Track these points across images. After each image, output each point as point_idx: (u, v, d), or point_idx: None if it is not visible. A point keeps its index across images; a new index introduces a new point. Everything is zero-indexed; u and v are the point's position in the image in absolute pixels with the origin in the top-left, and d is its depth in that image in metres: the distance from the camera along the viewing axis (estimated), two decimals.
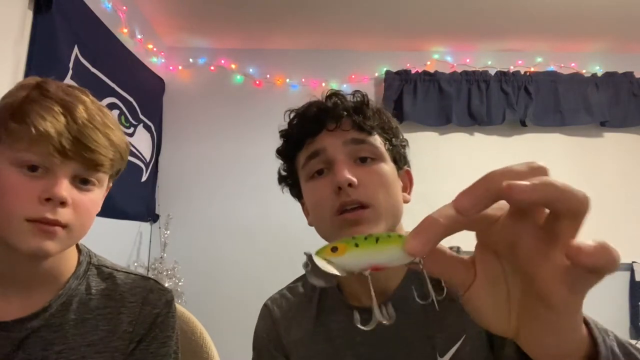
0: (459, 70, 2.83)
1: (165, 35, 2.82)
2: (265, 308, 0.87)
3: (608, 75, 2.82)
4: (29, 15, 1.60)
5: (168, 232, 2.59)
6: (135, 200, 2.43)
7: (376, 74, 2.89)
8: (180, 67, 2.91)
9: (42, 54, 1.62)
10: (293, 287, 0.88)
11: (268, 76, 2.89)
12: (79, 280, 0.75)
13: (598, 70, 2.84)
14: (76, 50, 1.86)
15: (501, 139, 2.83)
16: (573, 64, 2.87)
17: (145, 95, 2.53)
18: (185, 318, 0.98)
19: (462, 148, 2.82)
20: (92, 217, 0.72)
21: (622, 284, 2.65)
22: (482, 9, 2.47)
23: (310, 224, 0.77)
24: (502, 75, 2.80)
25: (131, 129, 2.39)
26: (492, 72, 2.81)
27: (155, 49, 2.68)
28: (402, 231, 0.78)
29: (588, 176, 2.73)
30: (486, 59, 2.88)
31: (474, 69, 2.83)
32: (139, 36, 2.48)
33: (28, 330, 0.69)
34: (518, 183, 0.26)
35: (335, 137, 0.72)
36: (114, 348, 0.73)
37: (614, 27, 2.62)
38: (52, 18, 1.67)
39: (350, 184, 0.67)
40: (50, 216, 0.63)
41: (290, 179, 0.81)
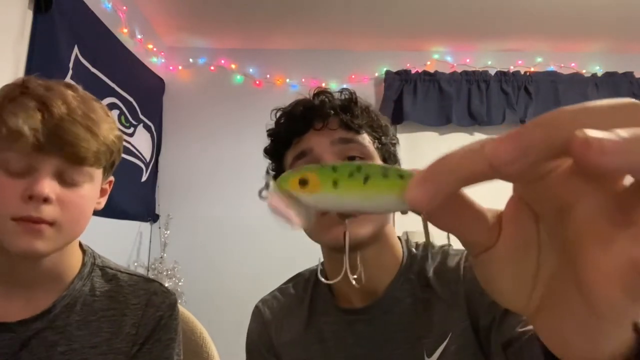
0: (459, 70, 2.83)
1: (165, 35, 2.82)
2: (256, 310, 0.86)
3: (608, 75, 2.82)
4: (29, 15, 1.60)
5: (168, 232, 2.59)
6: (135, 200, 2.43)
7: (376, 74, 2.89)
8: (180, 67, 2.90)
9: (42, 54, 1.62)
10: (284, 288, 0.87)
11: (268, 76, 2.89)
12: (84, 281, 0.75)
13: (598, 70, 2.84)
14: (76, 50, 1.86)
15: None
16: (573, 64, 2.87)
17: (145, 95, 2.53)
18: (185, 318, 0.98)
19: None
20: (86, 213, 0.70)
21: None
22: (482, 9, 2.47)
23: None
24: (502, 75, 2.80)
25: (131, 129, 2.39)
26: (492, 72, 2.81)
27: (155, 49, 2.68)
28: (391, 234, 0.75)
29: None
30: (486, 59, 2.88)
31: (474, 69, 2.83)
32: (139, 36, 2.48)
33: (32, 331, 0.69)
34: (599, 137, 0.17)
35: (322, 137, 0.71)
36: (118, 350, 0.73)
37: (614, 27, 2.62)
38: (52, 18, 1.67)
39: None
40: (34, 214, 0.63)
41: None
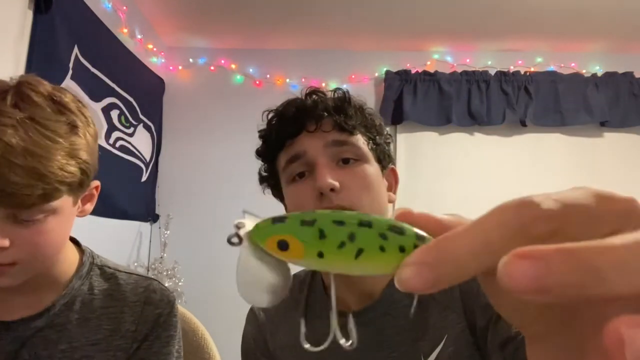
0: (459, 70, 2.83)
1: (165, 35, 2.82)
2: (251, 312, 0.85)
3: (608, 75, 2.81)
4: (29, 15, 1.60)
5: (168, 232, 2.59)
6: (135, 200, 2.43)
7: (376, 74, 2.88)
8: (180, 67, 2.90)
9: (42, 54, 1.62)
10: None
11: (268, 76, 2.89)
12: (82, 280, 0.75)
13: (598, 70, 2.84)
14: (76, 50, 1.86)
15: (501, 139, 2.82)
16: (573, 64, 2.87)
17: (145, 95, 2.53)
18: (186, 318, 0.98)
19: (462, 148, 2.81)
20: (53, 243, 0.65)
21: None
22: (482, 9, 2.47)
23: None
24: (502, 75, 2.79)
25: (131, 129, 2.39)
26: (492, 72, 2.81)
27: (155, 49, 2.68)
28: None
29: (588, 176, 2.73)
30: (486, 59, 2.88)
31: (474, 69, 2.83)
32: (139, 36, 2.48)
33: (32, 329, 0.70)
34: (521, 262, 0.15)
35: (315, 139, 0.69)
36: (117, 347, 0.74)
37: (614, 27, 2.62)
38: (52, 18, 1.67)
39: (332, 189, 0.64)
40: None
41: (271, 180, 0.78)
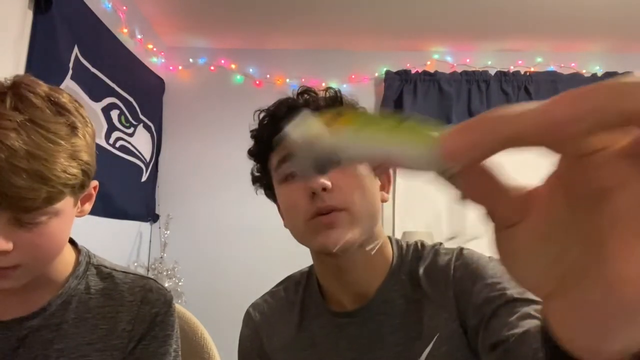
0: (459, 70, 2.83)
1: (165, 35, 2.82)
2: (247, 314, 0.85)
3: (608, 75, 2.81)
4: (29, 15, 1.60)
5: (168, 232, 2.59)
6: (135, 200, 2.43)
7: (376, 74, 2.88)
8: (180, 67, 2.90)
9: (42, 54, 1.62)
10: (275, 292, 0.85)
11: (268, 76, 2.89)
12: (78, 280, 0.75)
13: (598, 70, 2.84)
14: (76, 50, 1.86)
15: None
16: (573, 64, 2.87)
17: (145, 95, 2.53)
18: (186, 318, 0.97)
19: None
20: (55, 245, 0.66)
21: None
22: (482, 9, 2.47)
23: (285, 227, 0.75)
24: (502, 75, 2.79)
25: (131, 129, 2.39)
26: (492, 72, 2.81)
27: (155, 49, 2.68)
28: (380, 234, 0.73)
29: None
30: (486, 59, 2.88)
31: (474, 69, 2.83)
32: (139, 36, 2.48)
33: (28, 329, 0.69)
34: None
35: None
36: (114, 346, 0.74)
37: (614, 27, 2.62)
38: (52, 18, 1.67)
39: (324, 189, 0.65)
40: None
41: (264, 180, 0.78)
